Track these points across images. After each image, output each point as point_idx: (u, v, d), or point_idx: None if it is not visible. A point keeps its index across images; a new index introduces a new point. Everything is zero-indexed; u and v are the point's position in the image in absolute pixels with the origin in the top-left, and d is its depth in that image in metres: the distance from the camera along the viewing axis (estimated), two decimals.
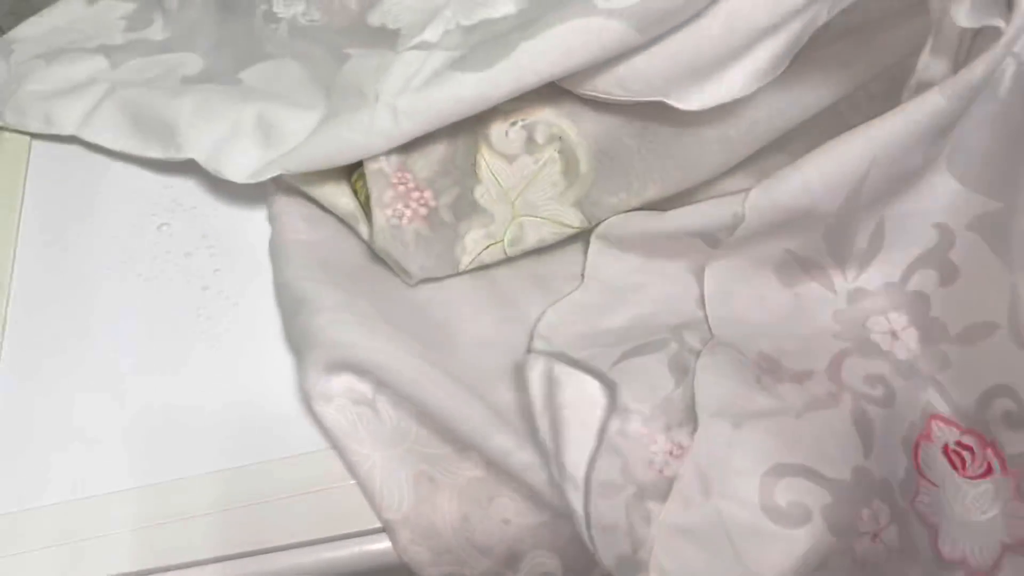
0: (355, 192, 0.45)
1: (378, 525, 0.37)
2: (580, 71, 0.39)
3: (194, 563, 0.37)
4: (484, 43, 0.42)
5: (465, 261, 0.43)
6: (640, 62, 0.39)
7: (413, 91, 0.42)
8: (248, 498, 0.38)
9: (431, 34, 0.44)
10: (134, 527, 0.38)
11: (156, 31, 0.58)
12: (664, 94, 0.39)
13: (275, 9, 0.53)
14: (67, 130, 0.52)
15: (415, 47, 0.44)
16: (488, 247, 0.43)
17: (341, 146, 0.43)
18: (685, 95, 0.39)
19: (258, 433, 0.40)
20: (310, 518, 0.38)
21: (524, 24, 0.40)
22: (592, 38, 0.37)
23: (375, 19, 0.50)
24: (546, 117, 0.43)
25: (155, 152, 0.49)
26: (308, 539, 0.38)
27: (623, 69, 0.39)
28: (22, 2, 0.61)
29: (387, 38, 0.47)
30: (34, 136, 0.54)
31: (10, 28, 0.62)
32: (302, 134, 0.46)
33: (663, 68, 0.39)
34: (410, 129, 0.42)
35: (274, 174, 0.45)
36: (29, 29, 0.60)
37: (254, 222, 0.49)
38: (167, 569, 0.37)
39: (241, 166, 0.46)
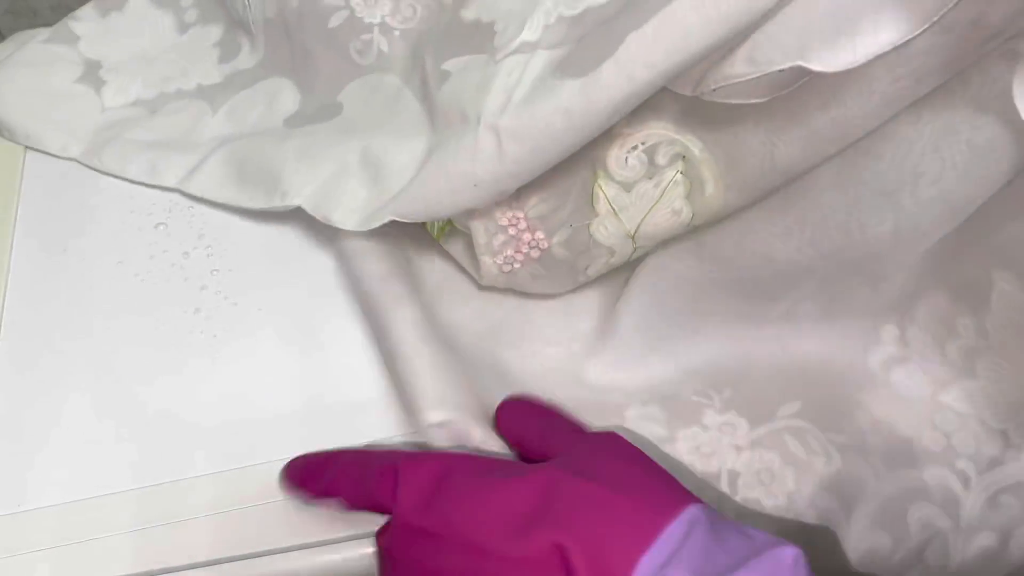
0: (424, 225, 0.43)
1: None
2: (700, 58, 0.32)
3: (194, 565, 0.37)
4: (588, 38, 0.37)
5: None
6: (769, 27, 0.31)
7: (515, 107, 0.37)
8: (248, 500, 0.38)
9: (530, 32, 0.40)
10: (133, 528, 0.38)
11: (245, 58, 0.55)
12: (800, 56, 0.30)
13: (359, 14, 0.49)
14: (169, 183, 0.50)
15: (515, 51, 0.39)
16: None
17: (451, 182, 0.39)
18: (827, 54, 0.30)
19: (258, 434, 0.40)
20: (310, 520, 0.38)
21: (630, 6, 0.35)
22: (711, 11, 0.31)
23: (469, 13, 0.46)
24: (667, 135, 0.39)
25: (259, 203, 0.47)
26: (308, 541, 0.37)
27: (748, 42, 0.32)
28: (20, 1, 0.61)
29: (482, 35, 0.44)
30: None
31: (9, 27, 0.62)
32: (410, 168, 0.42)
33: (798, 25, 0.31)
34: (517, 151, 0.37)
35: (386, 220, 0.41)
36: (110, 47, 0.57)
37: (252, 222, 0.49)
38: (167, 571, 0.37)
39: (350, 211, 0.43)
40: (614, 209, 0.40)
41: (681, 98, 0.36)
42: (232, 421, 0.41)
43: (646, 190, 0.39)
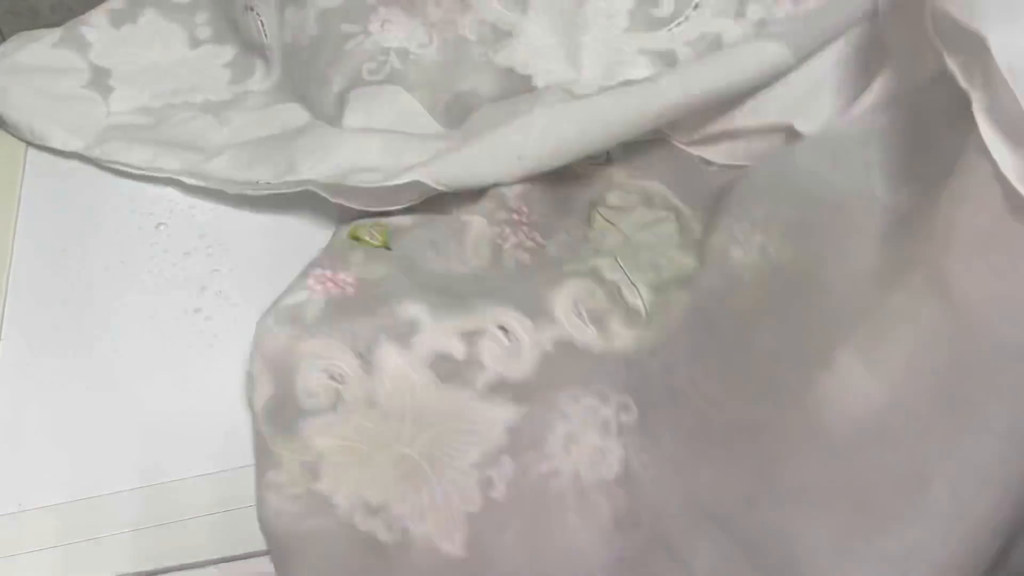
0: (356, 239, 0.43)
1: None
2: (738, 97, 0.43)
3: (194, 564, 0.37)
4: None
5: (567, 264, 0.41)
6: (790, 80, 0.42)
7: (575, 98, 0.43)
8: (248, 499, 0.38)
9: (575, 88, 0.46)
10: (134, 527, 0.38)
11: (258, 80, 0.56)
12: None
13: (376, 38, 0.50)
14: (172, 167, 0.50)
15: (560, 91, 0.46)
16: (599, 256, 0.42)
17: (496, 151, 0.42)
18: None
19: None
20: None
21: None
22: (753, 57, 0.41)
23: (502, 59, 0.49)
24: (661, 191, 0.45)
25: (266, 175, 0.47)
26: None
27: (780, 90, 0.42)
28: (21, 1, 0.61)
29: (517, 83, 0.48)
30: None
31: (10, 28, 0.62)
32: (436, 150, 0.44)
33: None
34: (568, 131, 0.42)
35: (414, 179, 0.42)
36: (121, 57, 0.57)
37: (252, 222, 0.49)
38: (167, 570, 0.37)
39: (370, 172, 0.43)
40: (609, 221, 0.43)
41: (674, 169, 0.45)
42: (232, 421, 0.41)
43: (643, 213, 0.43)
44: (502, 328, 0.38)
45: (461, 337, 0.37)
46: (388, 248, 0.40)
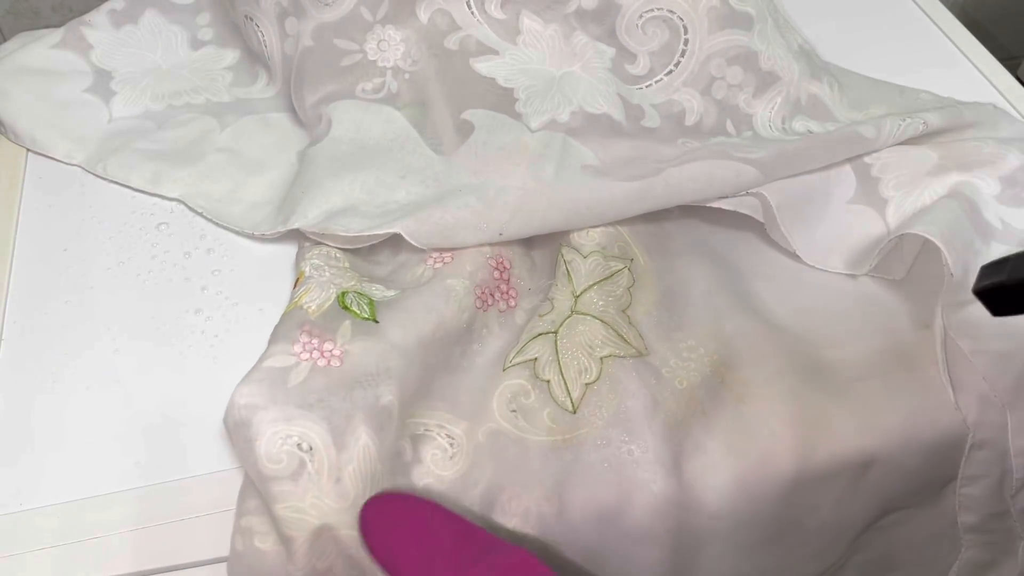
0: (345, 308, 0.42)
1: None
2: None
3: (194, 563, 0.37)
4: (621, 159, 0.47)
5: (511, 354, 0.42)
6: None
7: (562, 180, 0.45)
8: None
9: (560, 114, 0.48)
10: (134, 527, 0.38)
11: (260, 88, 0.56)
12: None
13: (371, 57, 0.51)
14: (173, 194, 0.50)
15: (547, 126, 0.48)
16: (541, 335, 0.42)
17: (480, 223, 0.44)
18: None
19: None
20: None
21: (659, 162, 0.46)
22: (731, 174, 0.44)
23: (484, 69, 0.49)
24: (623, 236, 0.46)
25: (263, 226, 0.47)
26: None
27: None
28: (22, 1, 0.61)
29: (500, 95, 0.49)
30: None
31: (10, 28, 0.62)
32: (415, 204, 0.45)
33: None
34: (555, 218, 0.45)
35: (392, 232, 0.43)
36: (123, 59, 0.57)
37: None
38: (167, 569, 0.37)
39: (353, 226, 0.44)
40: (567, 268, 0.44)
41: (643, 224, 0.47)
42: None
43: (597, 261, 0.45)
44: (447, 434, 0.39)
45: (410, 440, 0.39)
46: (375, 321, 0.41)
